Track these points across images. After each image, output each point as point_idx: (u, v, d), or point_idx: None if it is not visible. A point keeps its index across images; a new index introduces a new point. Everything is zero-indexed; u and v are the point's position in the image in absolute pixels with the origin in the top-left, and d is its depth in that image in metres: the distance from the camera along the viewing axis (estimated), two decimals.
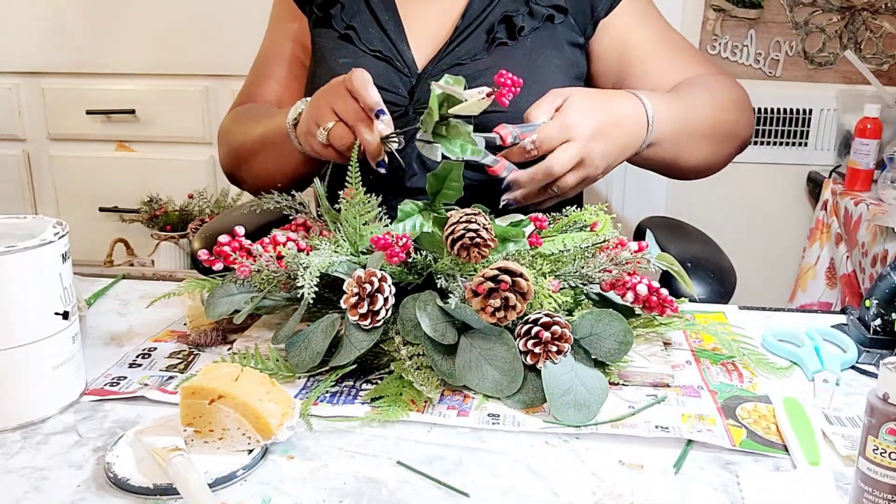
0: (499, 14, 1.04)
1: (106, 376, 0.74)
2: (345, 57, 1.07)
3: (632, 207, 2.22)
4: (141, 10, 2.27)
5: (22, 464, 0.60)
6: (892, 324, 0.79)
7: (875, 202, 1.85)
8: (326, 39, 1.10)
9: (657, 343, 0.79)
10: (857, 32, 2.15)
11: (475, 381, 0.69)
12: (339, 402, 0.69)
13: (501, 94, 0.79)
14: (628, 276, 0.75)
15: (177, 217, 2.25)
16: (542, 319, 0.68)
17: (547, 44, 1.05)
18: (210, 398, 0.59)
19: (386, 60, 1.05)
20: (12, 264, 0.62)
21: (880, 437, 0.50)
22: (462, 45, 1.05)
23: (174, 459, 0.55)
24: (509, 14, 1.04)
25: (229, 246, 0.78)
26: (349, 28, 1.08)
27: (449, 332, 0.70)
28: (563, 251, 0.78)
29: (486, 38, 1.04)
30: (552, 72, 1.04)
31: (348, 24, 1.08)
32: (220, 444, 0.60)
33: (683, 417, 0.67)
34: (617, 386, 0.72)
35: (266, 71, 1.20)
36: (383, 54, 1.06)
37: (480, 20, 1.05)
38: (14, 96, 2.40)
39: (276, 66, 1.19)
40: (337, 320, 0.73)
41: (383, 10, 1.09)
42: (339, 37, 1.08)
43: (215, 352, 0.80)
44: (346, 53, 1.07)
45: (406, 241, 0.73)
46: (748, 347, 0.78)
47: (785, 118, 2.23)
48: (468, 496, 0.56)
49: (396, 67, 1.05)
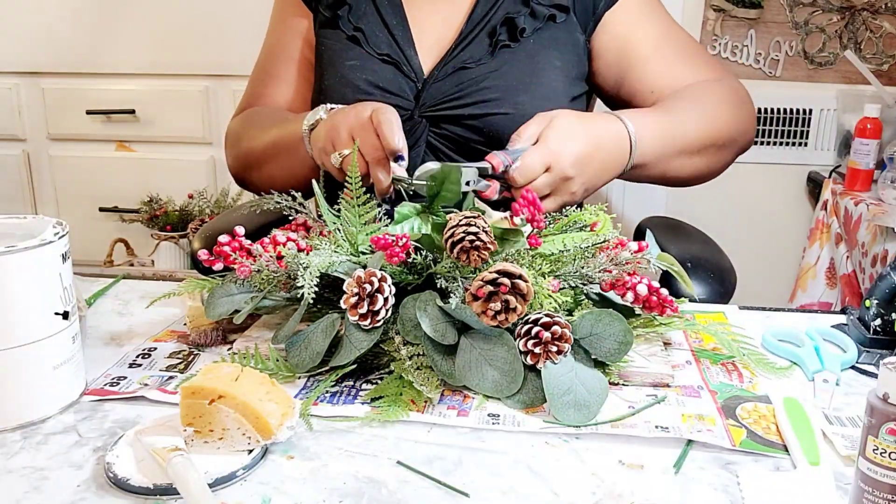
0: (501, 16, 1.05)
1: (106, 376, 0.74)
2: (352, 60, 1.06)
3: (632, 207, 2.22)
4: (141, 10, 2.27)
5: (22, 464, 0.60)
6: (892, 324, 0.79)
7: (875, 202, 1.85)
8: (333, 41, 1.10)
9: (657, 343, 0.79)
10: (857, 32, 2.15)
11: (475, 382, 0.69)
12: (339, 402, 0.69)
13: (516, 213, 0.79)
14: (628, 276, 0.75)
15: (177, 217, 2.25)
16: (543, 319, 0.68)
17: (548, 45, 1.05)
18: (210, 398, 0.59)
19: (393, 64, 1.06)
20: (12, 264, 0.62)
21: (880, 437, 0.50)
22: (466, 49, 1.05)
23: (174, 459, 0.55)
24: (511, 16, 1.04)
25: (229, 246, 0.78)
26: (357, 30, 1.07)
27: (449, 333, 0.70)
28: (562, 251, 0.78)
29: (489, 41, 1.05)
30: (553, 73, 1.04)
31: (356, 26, 1.08)
32: (220, 444, 0.60)
33: (683, 417, 0.67)
34: (617, 386, 0.72)
35: (273, 71, 1.17)
36: (391, 58, 1.05)
37: (484, 23, 1.05)
38: (14, 96, 2.40)
39: (283, 66, 1.17)
40: (337, 320, 0.73)
41: (391, 14, 1.09)
42: (347, 38, 1.08)
43: (215, 352, 0.80)
44: (353, 56, 1.07)
45: (406, 240, 0.73)
46: (748, 347, 0.78)
47: (785, 118, 2.23)
48: (468, 496, 0.56)
49: (403, 72, 1.05)
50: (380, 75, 1.05)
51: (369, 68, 1.06)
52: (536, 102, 1.02)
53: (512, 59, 1.03)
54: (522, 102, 1.02)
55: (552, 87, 1.04)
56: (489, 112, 1.02)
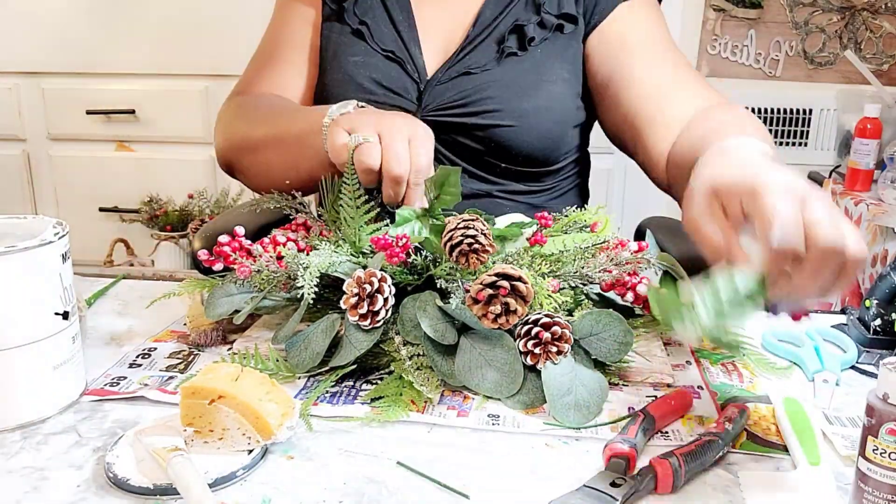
0: (510, 23, 1.03)
1: (106, 376, 0.74)
2: (356, 56, 1.05)
3: (632, 207, 2.22)
4: (141, 10, 2.28)
5: (22, 464, 0.60)
6: (892, 324, 0.79)
7: (875, 202, 1.85)
8: (338, 35, 1.07)
9: (657, 343, 0.79)
10: (857, 32, 2.15)
11: (475, 382, 0.69)
12: (339, 403, 0.69)
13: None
14: (628, 277, 0.75)
15: (177, 217, 2.26)
16: (542, 320, 0.68)
17: (556, 55, 1.03)
18: (210, 398, 0.59)
19: (398, 62, 1.04)
20: (12, 264, 0.62)
21: (880, 437, 0.50)
22: (472, 53, 1.03)
23: (174, 459, 0.55)
24: (520, 24, 1.02)
25: (229, 246, 0.78)
26: (362, 24, 1.06)
27: (449, 333, 0.70)
28: (562, 251, 0.78)
29: (496, 48, 1.03)
30: (560, 85, 1.03)
31: (361, 20, 1.06)
32: (220, 444, 0.60)
33: (683, 420, 0.66)
34: (617, 386, 0.72)
35: (279, 56, 1.12)
36: (395, 55, 1.04)
37: (492, 28, 1.04)
38: (14, 96, 2.40)
39: (291, 51, 1.11)
40: (337, 320, 0.73)
41: (398, 10, 1.07)
42: (352, 32, 1.06)
43: (215, 352, 0.80)
44: (357, 51, 1.05)
45: (406, 241, 0.73)
46: (748, 347, 0.78)
47: (785, 118, 2.23)
48: (468, 497, 0.56)
49: (407, 71, 1.03)
50: (384, 73, 1.03)
51: (373, 65, 1.04)
52: (541, 114, 1.00)
53: (518, 67, 1.02)
54: (527, 114, 1.00)
55: (558, 99, 1.02)
56: (494, 123, 1.00)
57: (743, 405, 0.65)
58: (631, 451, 0.58)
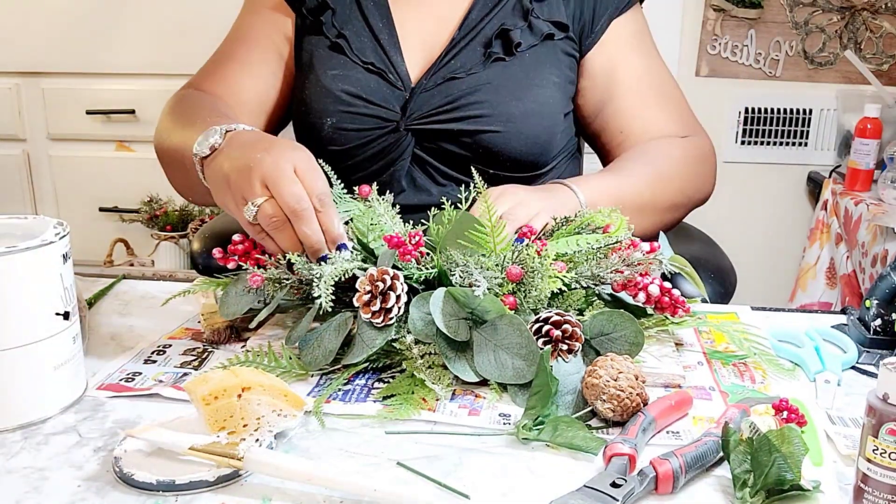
0: (497, 26, 1.00)
1: (121, 371, 0.74)
2: (334, 69, 1.01)
3: None
4: (141, 10, 2.27)
5: (22, 464, 0.60)
6: (892, 324, 0.79)
7: (875, 202, 1.85)
8: (316, 48, 1.03)
9: (669, 344, 0.78)
10: (857, 32, 2.16)
11: (496, 373, 0.68)
12: (351, 401, 0.69)
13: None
14: (640, 277, 0.75)
15: (177, 217, 2.25)
16: (553, 318, 0.68)
17: (545, 60, 1.01)
18: (237, 393, 0.60)
19: (378, 73, 1.00)
20: (13, 264, 0.62)
21: (880, 438, 0.50)
22: (457, 57, 1.00)
23: (249, 449, 0.57)
24: (507, 28, 0.99)
25: (243, 244, 0.79)
26: (340, 36, 1.02)
27: (462, 329, 0.69)
28: (575, 252, 0.77)
29: (482, 51, 0.99)
30: (550, 89, 1.00)
31: (339, 32, 1.02)
32: (256, 434, 0.60)
33: (694, 421, 0.66)
34: None
35: (237, 55, 1.07)
36: (376, 66, 1.00)
37: (477, 31, 1.00)
38: (14, 96, 2.40)
39: (250, 52, 1.06)
40: (349, 318, 0.73)
41: (377, 17, 1.03)
42: (330, 46, 1.02)
43: (229, 349, 0.80)
44: (335, 64, 1.01)
45: (419, 239, 0.73)
46: (759, 347, 0.77)
47: (785, 118, 2.23)
48: (468, 497, 0.56)
49: (389, 81, 1.00)
50: (363, 85, 1.00)
51: (352, 77, 1.00)
52: (530, 118, 0.98)
53: (506, 71, 0.99)
54: (515, 118, 0.97)
55: (547, 103, 1.00)
56: (481, 129, 0.97)
57: (744, 406, 0.65)
58: (631, 452, 0.58)
